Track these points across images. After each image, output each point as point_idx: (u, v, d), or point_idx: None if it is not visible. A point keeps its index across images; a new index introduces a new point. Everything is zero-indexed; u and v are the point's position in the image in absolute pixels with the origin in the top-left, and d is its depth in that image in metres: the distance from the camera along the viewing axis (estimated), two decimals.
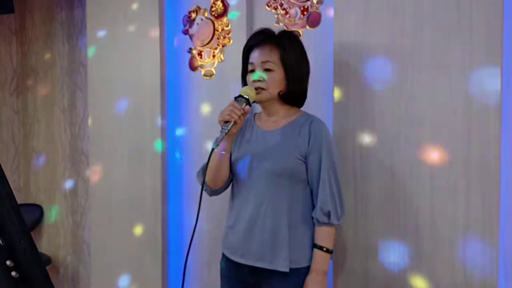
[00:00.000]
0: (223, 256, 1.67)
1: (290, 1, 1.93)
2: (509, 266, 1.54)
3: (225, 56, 2.13)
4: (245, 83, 1.63)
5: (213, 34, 2.16)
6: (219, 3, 2.13)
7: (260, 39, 1.58)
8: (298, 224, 1.53)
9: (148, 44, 2.25)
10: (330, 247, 1.52)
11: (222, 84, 2.13)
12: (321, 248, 1.51)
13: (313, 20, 1.89)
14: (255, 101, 1.54)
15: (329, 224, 1.51)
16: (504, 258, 1.54)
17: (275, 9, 1.98)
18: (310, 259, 1.52)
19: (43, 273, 0.86)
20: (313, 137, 1.52)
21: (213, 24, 2.16)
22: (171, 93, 2.29)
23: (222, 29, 2.13)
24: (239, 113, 1.45)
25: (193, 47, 2.23)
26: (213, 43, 2.16)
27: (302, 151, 1.53)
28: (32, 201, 3.14)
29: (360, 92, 1.72)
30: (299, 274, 1.52)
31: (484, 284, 1.50)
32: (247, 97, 1.48)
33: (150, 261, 2.28)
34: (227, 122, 1.44)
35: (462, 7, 1.52)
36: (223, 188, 1.66)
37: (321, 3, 1.86)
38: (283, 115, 1.61)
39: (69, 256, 3.01)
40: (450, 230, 1.56)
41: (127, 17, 2.34)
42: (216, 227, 2.13)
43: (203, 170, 1.65)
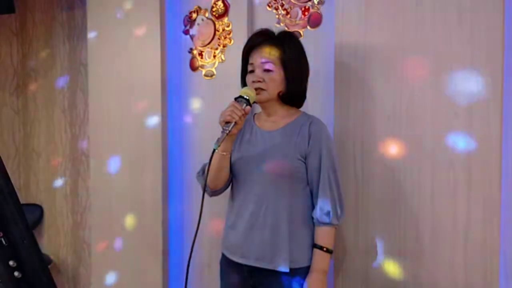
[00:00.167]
0: (223, 256, 1.67)
1: (291, 2, 1.93)
2: (509, 267, 1.54)
3: (226, 56, 2.13)
4: (244, 84, 1.63)
5: (214, 34, 2.16)
6: (220, 3, 2.13)
7: (260, 40, 1.58)
8: (298, 224, 1.53)
9: (149, 44, 2.25)
10: (330, 247, 1.53)
11: (223, 84, 2.13)
12: (321, 248, 1.52)
13: (314, 20, 1.89)
14: (255, 101, 1.54)
15: (329, 224, 1.52)
16: (505, 258, 1.54)
17: (276, 9, 1.98)
18: (310, 259, 1.53)
19: (46, 274, 0.86)
20: (313, 138, 1.53)
21: (214, 25, 2.16)
22: (171, 93, 2.29)
23: (223, 29, 2.13)
24: (240, 114, 1.44)
25: (193, 47, 2.23)
26: (214, 43, 2.16)
27: (302, 151, 1.53)
28: (32, 201, 3.14)
29: (361, 92, 1.72)
30: (299, 274, 1.52)
31: (485, 285, 1.50)
32: (247, 98, 1.48)
33: (151, 261, 2.28)
34: (228, 122, 1.44)
35: (463, 7, 1.53)
36: (223, 189, 1.66)
37: (322, 3, 1.87)
38: (282, 115, 1.61)
39: (69, 256, 3.01)
40: (451, 230, 1.56)
41: (128, 18, 2.34)
42: (216, 227, 2.13)
43: (203, 171, 1.65)
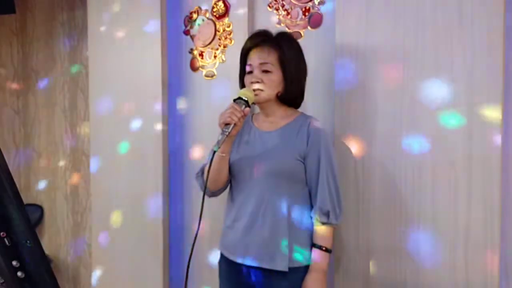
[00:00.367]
0: (222, 256, 1.67)
1: (292, 2, 1.94)
2: (509, 266, 1.55)
3: (226, 56, 2.13)
4: (243, 85, 1.63)
5: (215, 34, 2.16)
6: (220, 3, 2.13)
7: (258, 41, 1.59)
8: (297, 223, 1.54)
9: (150, 44, 2.25)
10: (329, 246, 1.54)
11: (223, 84, 2.13)
12: (320, 248, 1.53)
13: (315, 21, 1.89)
14: (253, 102, 1.55)
15: (328, 224, 1.53)
16: (505, 258, 1.54)
17: (277, 10, 1.98)
18: (309, 258, 1.54)
19: (49, 274, 0.86)
20: (312, 138, 1.54)
21: (215, 25, 2.16)
22: (172, 94, 2.29)
23: (224, 30, 2.13)
24: (239, 115, 1.45)
25: (194, 48, 2.23)
26: (215, 43, 2.17)
27: (300, 151, 1.54)
28: (32, 201, 3.14)
29: (362, 92, 1.72)
30: (298, 273, 1.53)
31: (485, 285, 1.51)
32: (246, 99, 1.49)
33: (151, 262, 2.28)
34: (227, 124, 1.45)
35: (463, 8, 1.53)
36: (222, 189, 1.67)
37: (323, 4, 1.87)
38: (281, 116, 1.62)
39: (69, 256, 3.01)
40: (451, 230, 1.56)
41: (128, 18, 2.34)
42: (216, 227, 2.13)
43: (202, 172, 1.66)
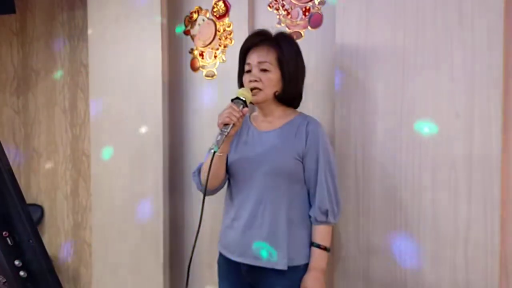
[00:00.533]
0: (221, 255, 1.68)
1: (292, 2, 1.94)
2: (509, 266, 1.55)
3: (227, 56, 2.13)
4: (241, 84, 1.64)
5: (215, 34, 2.16)
6: (220, 3, 2.13)
7: (257, 40, 1.60)
8: (296, 222, 1.56)
9: (150, 44, 2.25)
10: (328, 245, 1.56)
11: (223, 84, 2.13)
12: (319, 246, 1.54)
13: (315, 21, 1.89)
14: (251, 102, 1.55)
15: (327, 223, 1.55)
16: (505, 258, 1.54)
17: (277, 10, 1.98)
18: (308, 257, 1.55)
19: (51, 273, 0.86)
20: (310, 138, 1.55)
21: (215, 25, 2.16)
22: (172, 94, 2.29)
23: (224, 30, 2.13)
24: (238, 116, 1.46)
25: (194, 48, 2.23)
26: (215, 43, 2.17)
27: (299, 151, 1.55)
28: (33, 201, 3.14)
29: (361, 92, 1.72)
30: (297, 272, 1.54)
31: (485, 284, 1.51)
32: (244, 99, 1.49)
33: (152, 261, 2.28)
34: (226, 124, 1.46)
35: (463, 8, 1.53)
36: (218, 189, 1.68)
37: (323, 4, 1.87)
38: (279, 116, 1.62)
39: (69, 256, 3.01)
40: (452, 230, 1.56)
41: (129, 18, 2.34)
42: (217, 227, 2.12)
43: (199, 171, 1.67)
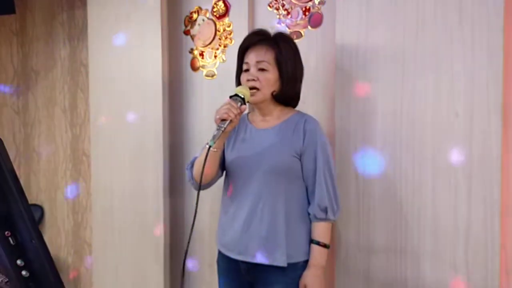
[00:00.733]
0: (220, 254, 1.69)
1: (292, 2, 1.94)
2: (510, 265, 1.55)
3: (227, 56, 2.13)
4: (239, 83, 1.65)
5: (215, 34, 2.16)
6: (220, 3, 2.14)
7: (255, 40, 1.60)
8: (294, 219, 1.56)
9: (150, 44, 2.25)
10: (327, 242, 1.56)
11: (223, 84, 2.13)
12: (318, 244, 1.55)
13: (315, 20, 1.89)
14: (248, 101, 1.55)
15: (326, 220, 1.55)
16: (505, 257, 1.54)
17: (277, 9, 1.98)
18: (306, 254, 1.56)
19: (53, 273, 0.86)
20: (308, 136, 1.55)
21: (215, 25, 2.16)
22: (172, 94, 2.29)
23: (224, 30, 2.13)
24: (235, 112, 1.47)
25: (194, 48, 2.24)
26: (215, 43, 2.17)
27: (297, 148, 1.55)
28: (33, 201, 3.14)
29: (361, 92, 1.72)
30: (296, 269, 1.55)
31: (486, 283, 1.51)
32: (242, 97, 1.50)
33: (152, 261, 2.29)
34: (223, 120, 1.46)
35: (463, 8, 1.53)
36: (210, 184, 1.69)
37: (323, 3, 1.87)
38: (277, 115, 1.63)
39: (70, 256, 3.01)
40: (452, 229, 1.57)
41: (129, 17, 2.34)
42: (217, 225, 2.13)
43: (192, 164, 1.67)
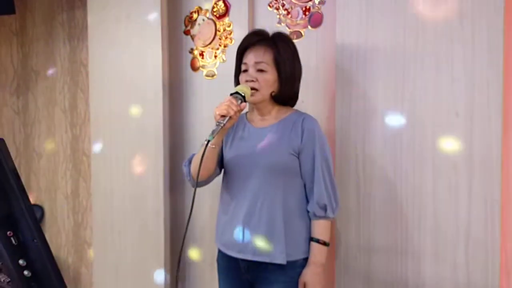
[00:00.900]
0: (219, 252, 1.69)
1: (292, 2, 1.94)
2: (510, 265, 1.55)
3: (227, 56, 2.13)
4: (237, 83, 1.66)
5: (215, 34, 2.16)
6: (220, 3, 2.14)
7: (254, 40, 1.61)
8: (293, 217, 1.56)
9: (150, 44, 2.25)
10: (327, 240, 1.57)
11: (224, 84, 2.13)
12: (318, 241, 1.55)
13: (315, 20, 1.89)
14: (246, 101, 1.55)
15: (325, 218, 1.56)
16: (506, 257, 1.54)
17: (277, 9, 1.98)
18: (306, 251, 1.57)
19: (55, 272, 0.86)
20: (306, 134, 1.56)
21: (215, 25, 2.16)
22: (172, 94, 2.29)
23: (224, 30, 2.14)
24: (235, 109, 1.47)
25: (194, 48, 2.24)
26: (215, 43, 2.17)
27: (295, 147, 1.56)
28: (33, 201, 3.14)
29: (362, 92, 1.73)
30: (295, 267, 1.55)
31: (486, 283, 1.51)
32: (243, 95, 1.51)
33: (152, 261, 2.29)
34: (223, 116, 1.46)
35: (464, 8, 1.53)
36: (206, 181, 1.69)
37: (323, 3, 1.87)
38: (275, 114, 1.64)
39: (70, 256, 3.01)
40: (452, 229, 1.57)
41: (129, 18, 2.34)
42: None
43: (190, 161, 1.68)
